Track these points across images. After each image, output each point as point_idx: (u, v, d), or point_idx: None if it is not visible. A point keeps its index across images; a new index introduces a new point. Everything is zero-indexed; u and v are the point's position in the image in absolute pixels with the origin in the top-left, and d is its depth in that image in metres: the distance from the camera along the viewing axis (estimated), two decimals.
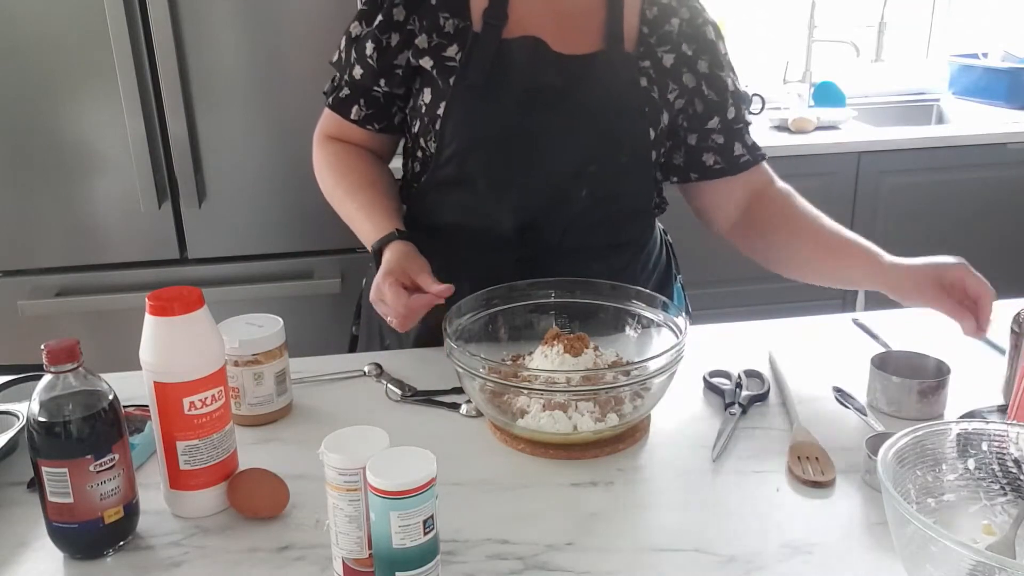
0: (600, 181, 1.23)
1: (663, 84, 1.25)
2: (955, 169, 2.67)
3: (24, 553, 0.86)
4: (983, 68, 3.11)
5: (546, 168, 1.21)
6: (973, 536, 0.82)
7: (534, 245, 1.25)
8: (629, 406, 1.02)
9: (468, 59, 1.19)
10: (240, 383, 1.05)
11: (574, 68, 1.20)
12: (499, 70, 1.19)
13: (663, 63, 1.25)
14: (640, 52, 1.24)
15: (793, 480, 0.95)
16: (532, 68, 1.19)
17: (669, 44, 1.25)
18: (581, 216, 1.24)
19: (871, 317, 1.36)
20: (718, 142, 1.30)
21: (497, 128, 1.20)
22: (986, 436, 0.84)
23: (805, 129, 2.66)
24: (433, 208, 1.28)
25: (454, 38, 1.20)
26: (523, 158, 1.21)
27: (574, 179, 1.22)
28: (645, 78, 1.23)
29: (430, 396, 1.14)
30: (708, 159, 1.31)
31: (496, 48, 1.19)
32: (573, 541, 0.86)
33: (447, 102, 1.20)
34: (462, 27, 1.20)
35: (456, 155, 1.22)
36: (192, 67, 2.06)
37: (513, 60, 1.19)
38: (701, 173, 1.32)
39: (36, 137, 2.05)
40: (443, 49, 1.20)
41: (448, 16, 1.20)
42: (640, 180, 1.28)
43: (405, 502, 0.72)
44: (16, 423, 1.00)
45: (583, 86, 1.20)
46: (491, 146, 1.21)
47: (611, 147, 1.23)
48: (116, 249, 2.17)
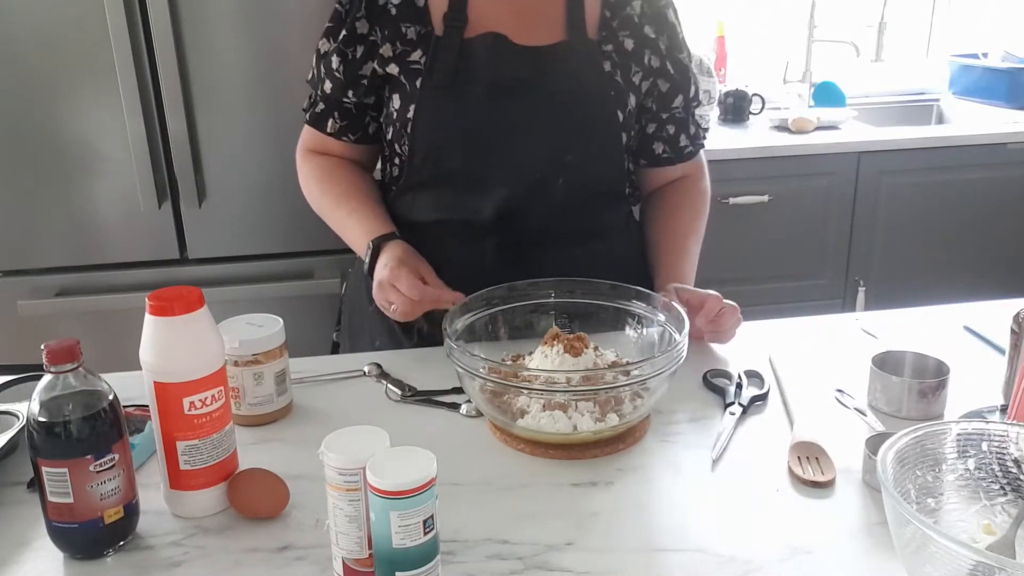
0: (575, 169, 1.25)
1: (626, 67, 1.27)
2: (955, 169, 2.67)
3: (24, 553, 0.86)
4: (983, 68, 3.11)
5: (520, 161, 1.23)
6: (973, 536, 0.82)
7: (514, 235, 1.26)
8: (629, 406, 1.02)
9: (432, 61, 1.21)
10: (240, 383, 1.05)
11: (538, 59, 1.23)
12: (464, 68, 1.21)
13: (624, 47, 1.27)
14: (602, 37, 1.26)
15: (793, 480, 0.95)
16: (496, 63, 1.21)
17: (630, 28, 1.28)
18: (559, 205, 1.27)
19: (871, 317, 1.36)
20: (670, 132, 1.36)
21: (467, 124, 1.22)
22: (986, 436, 0.84)
23: (805, 129, 2.66)
24: (412, 207, 1.30)
25: (417, 44, 1.23)
26: (497, 153, 1.23)
27: (550, 169, 1.24)
28: (608, 62, 1.26)
29: (430, 396, 1.14)
30: (658, 148, 1.37)
31: (459, 48, 1.21)
32: (573, 541, 0.86)
33: (416, 104, 1.22)
34: (424, 32, 1.23)
35: (430, 155, 1.24)
36: (192, 67, 2.06)
37: (477, 57, 1.21)
38: (649, 160, 1.38)
39: (36, 137, 2.05)
40: (407, 55, 1.23)
41: (409, 24, 1.23)
42: (614, 164, 1.30)
43: (405, 502, 0.72)
44: (16, 423, 1.00)
45: (549, 76, 1.22)
46: (463, 143, 1.23)
47: (583, 135, 1.25)
48: (116, 249, 2.16)
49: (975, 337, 1.27)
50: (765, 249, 2.63)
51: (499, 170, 1.24)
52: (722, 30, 3.01)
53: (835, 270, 2.71)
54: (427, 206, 1.29)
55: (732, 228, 2.57)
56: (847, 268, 2.71)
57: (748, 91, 2.84)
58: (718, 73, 2.92)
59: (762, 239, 2.61)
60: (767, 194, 2.56)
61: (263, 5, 2.05)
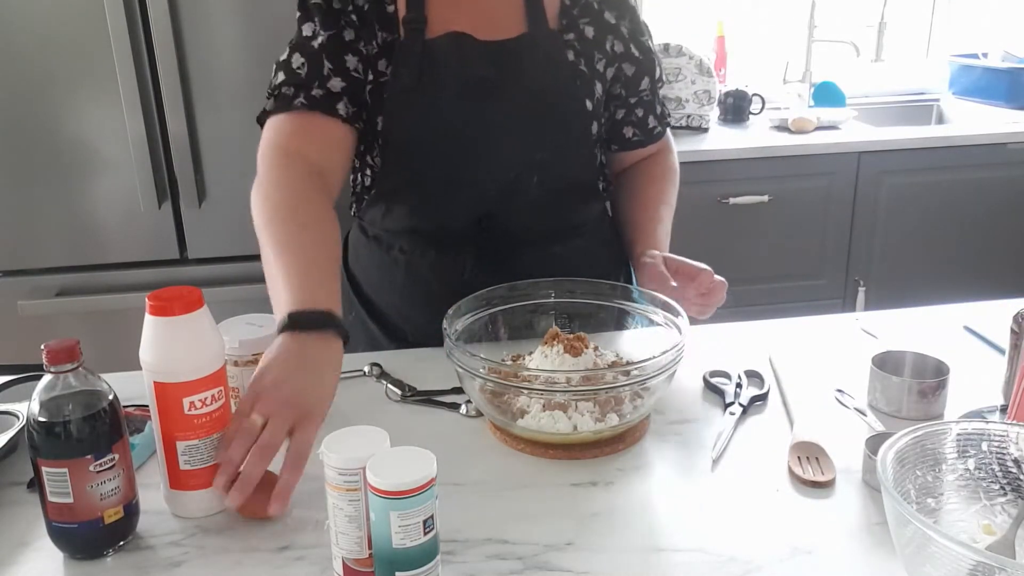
0: (549, 165, 1.24)
1: (589, 55, 1.26)
2: (955, 169, 2.67)
3: (24, 553, 0.86)
4: (983, 68, 3.11)
5: (493, 161, 1.22)
6: (973, 536, 0.82)
7: (493, 238, 1.25)
8: (629, 406, 1.02)
9: (396, 66, 1.20)
10: (240, 383, 1.05)
11: (502, 55, 1.21)
12: (428, 70, 1.20)
13: (586, 35, 1.26)
14: (563, 26, 1.26)
15: (793, 480, 0.95)
16: (460, 62, 1.20)
17: (590, 15, 1.27)
18: (535, 204, 1.26)
19: (871, 317, 1.36)
20: (639, 115, 1.35)
21: (436, 127, 1.21)
22: (986, 436, 0.84)
23: (805, 129, 2.66)
24: (386, 215, 1.28)
25: (382, 53, 1.21)
26: (468, 155, 1.22)
27: (523, 168, 1.23)
28: (571, 51, 1.25)
29: (430, 396, 1.14)
30: (628, 132, 1.36)
31: (421, 50, 1.20)
32: (573, 541, 0.86)
33: (383, 113, 1.21)
34: (389, 40, 1.21)
35: (401, 160, 1.23)
36: (192, 67, 2.06)
37: (440, 58, 1.20)
38: (620, 144, 1.37)
39: (36, 137, 2.05)
40: (375, 64, 1.21)
41: (380, 30, 1.21)
42: (586, 157, 1.30)
43: (405, 502, 0.72)
44: (16, 423, 1.00)
45: (515, 72, 1.21)
46: (433, 146, 1.22)
47: (554, 129, 1.24)
48: (116, 249, 2.17)
49: (975, 337, 1.27)
50: (765, 249, 2.64)
51: (472, 172, 1.22)
52: (722, 30, 3.01)
53: (835, 270, 2.71)
54: (402, 214, 1.27)
55: (732, 228, 2.57)
56: (847, 268, 2.71)
57: (748, 91, 2.84)
58: (718, 73, 2.92)
59: (762, 239, 2.61)
60: (767, 194, 2.56)
61: (263, 5, 2.05)
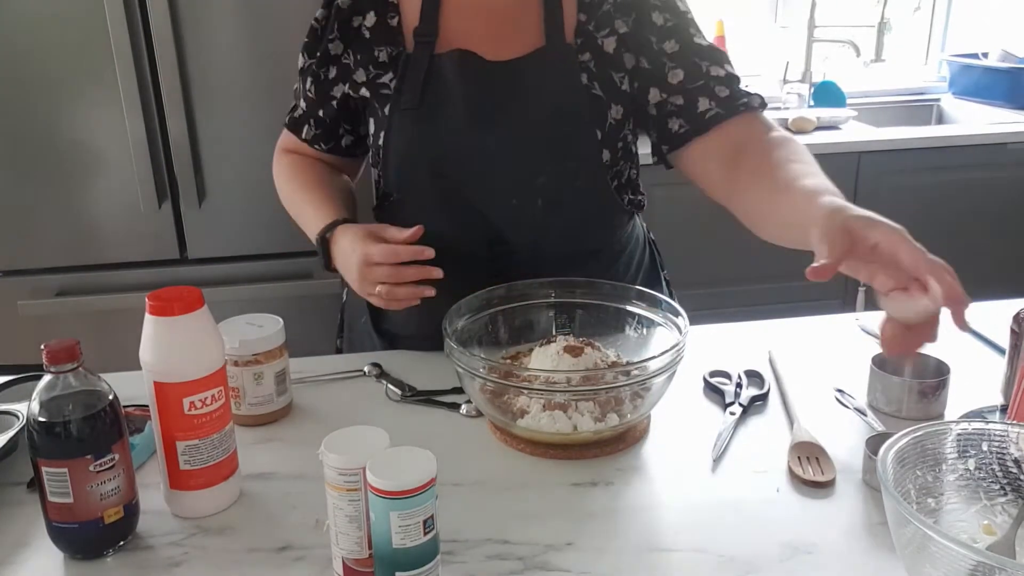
0: (551, 191, 1.19)
1: (605, 76, 1.18)
2: (955, 169, 2.67)
3: (24, 553, 0.86)
4: (983, 68, 3.11)
5: (493, 187, 1.19)
6: (973, 536, 0.82)
7: (506, 261, 1.22)
8: (629, 406, 1.02)
9: (401, 82, 1.18)
10: (240, 383, 1.05)
11: (508, 77, 1.17)
12: (432, 90, 1.17)
13: (604, 49, 1.19)
14: (579, 44, 1.18)
15: (793, 480, 0.95)
16: (463, 85, 1.16)
17: (608, 27, 1.19)
18: (545, 228, 1.21)
19: (871, 317, 1.36)
20: (677, 104, 1.18)
21: (436, 150, 1.18)
22: (986, 436, 0.84)
23: (805, 129, 2.66)
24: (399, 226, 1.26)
25: (389, 66, 1.20)
26: (468, 177, 1.19)
27: (525, 193, 1.19)
28: (586, 74, 1.18)
29: (430, 396, 1.14)
30: (673, 125, 1.19)
31: (428, 65, 1.17)
32: (573, 541, 0.86)
33: (385, 130, 1.20)
34: (395, 53, 1.20)
35: (402, 181, 1.22)
36: (192, 67, 2.06)
37: (444, 77, 1.17)
38: (670, 143, 1.20)
39: (36, 137, 2.06)
40: (379, 78, 1.20)
41: (382, 47, 1.20)
42: (593, 183, 1.22)
43: (405, 502, 0.72)
44: (16, 423, 1.00)
45: (519, 96, 1.17)
46: (433, 169, 1.19)
47: (556, 155, 1.18)
48: (116, 249, 2.17)
49: (975, 337, 1.27)
50: (765, 249, 2.62)
51: (473, 194, 1.19)
52: (722, 30, 3.01)
53: None
54: None
55: (733, 228, 2.56)
56: None
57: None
58: None
59: (762, 239, 2.61)
60: None
61: (263, 5, 2.05)
